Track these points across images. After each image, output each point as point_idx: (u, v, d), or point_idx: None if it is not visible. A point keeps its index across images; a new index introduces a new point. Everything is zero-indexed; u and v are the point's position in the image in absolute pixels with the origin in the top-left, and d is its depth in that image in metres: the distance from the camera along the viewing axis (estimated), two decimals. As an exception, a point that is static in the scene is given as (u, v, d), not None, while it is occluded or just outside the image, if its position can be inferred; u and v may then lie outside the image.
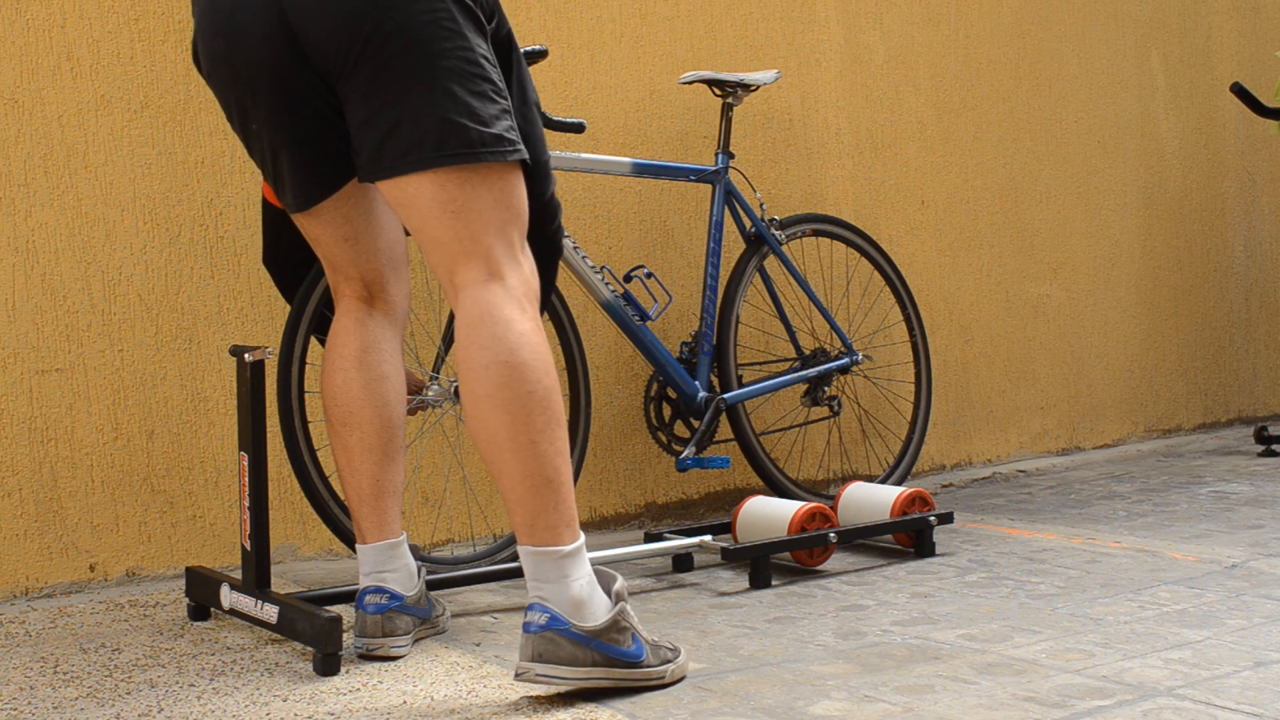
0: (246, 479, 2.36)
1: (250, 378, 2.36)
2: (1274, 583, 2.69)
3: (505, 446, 1.98)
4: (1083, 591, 2.67)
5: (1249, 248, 5.26)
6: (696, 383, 3.25)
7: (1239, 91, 4.43)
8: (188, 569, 2.61)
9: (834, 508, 3.18)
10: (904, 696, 2.01)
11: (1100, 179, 4.74)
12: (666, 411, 3.30)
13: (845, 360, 3.57)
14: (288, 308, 3.03)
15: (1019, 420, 4.45)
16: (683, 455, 3.20)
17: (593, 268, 3.04)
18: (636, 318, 3.14)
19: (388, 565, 2.32)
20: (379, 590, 2.29)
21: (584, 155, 3.08)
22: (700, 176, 3.36)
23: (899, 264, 4.09)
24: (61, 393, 2.78)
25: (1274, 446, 4.51)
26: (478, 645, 2.36)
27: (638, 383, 3.51)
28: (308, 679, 2.16)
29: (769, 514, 2.97)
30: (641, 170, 3.21)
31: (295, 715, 1.98)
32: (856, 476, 3.92)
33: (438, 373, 2.79)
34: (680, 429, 3.32)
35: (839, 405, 3.57)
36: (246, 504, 2.36)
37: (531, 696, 2.04)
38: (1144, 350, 4.87)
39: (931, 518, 3.08)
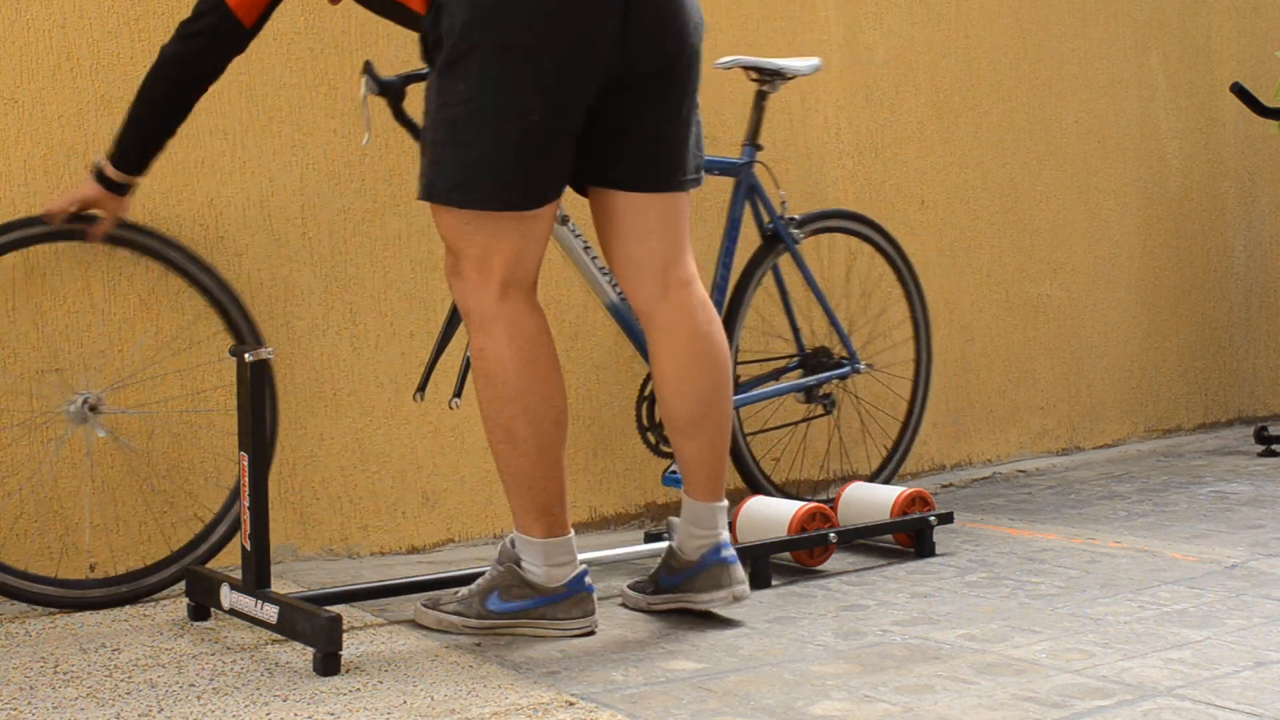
0: (246, 479, 2.36)
1: (250, 378, 2.36)
2: (1274, 583, 2.69)
3: (722, 398, 2.44)
4: (1083, 591, 2.67)
5: (1249, 248, 5.26)
6: None
7: (1239, 91, 4.43)
8: (188, 569, 2.61)
9: (834, 508, 3.18)
10: (904, 696, 2.01)
11: (1100, 179, 4.74)
12: (658, 413, 3.22)
13: (846, 368, 3.50)
14: (288, 308, 3.04)
15: (1019, 420, 4.45)
16: (671, 469, 3.13)
17: (601, 269, 2.96)
18: (638, 319, 3.09)
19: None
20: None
21: None
22: (724, 169, 3.25)
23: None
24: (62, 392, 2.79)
25: (1274, 446, 4.51)
26: (478, 645, 2.36)
27: (638, 383, 3.51)
28: (308, 679, 2.16)
29: (769, 514, 2.97)
30: None
31: (295, 715, 1.98)
32: (856, 476, 3.92)
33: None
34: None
35: (833, 403, 3.53)
36: (246, 504, 2.37)
37: (531, 696, 2.04)
38: (1144, 350, 4.87)
39: (931, 518, 3.08)
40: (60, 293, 2.80)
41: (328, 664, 2.18)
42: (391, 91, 2.73)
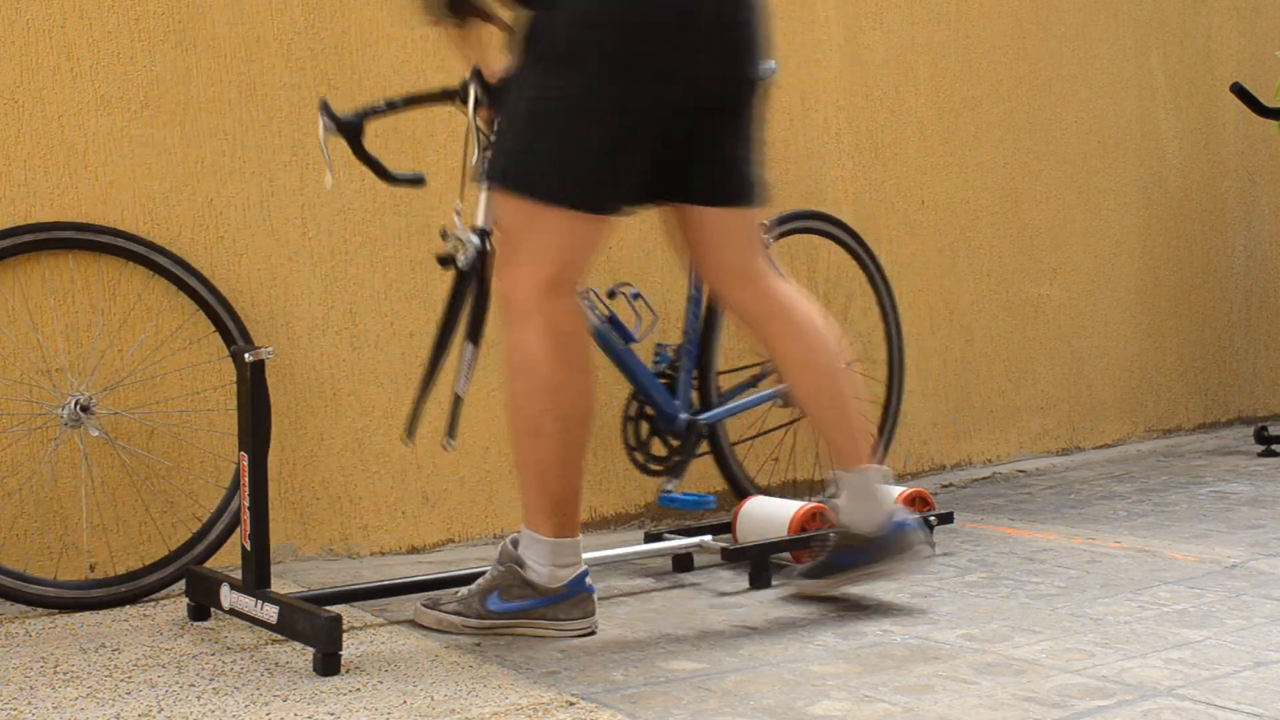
0: (246, 479, 2.36)
1: (250, 378, 2.36)
2: (1274, 583, 2.69)
3: (841, 362, 2.54)
4: (1083, 591, 2.67)
5: (1249, 248, 5.26)
6: (677, 402, 3.13)
7: (1239, 91, 4.43)
8: (188, 569, 2.61)
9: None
10: (904, 696, 2.01)
11: (1100, 179, 4.74)
12: (644, 430, 3.20)
13: None
14: (288, 308, 3.04)
15: (1019, 420, 4.45)
16: (666, 489, 3.12)
17: (583, 294, 2.91)
18: (622, 341, 3.02)
19: None
20: None
21: None
22: None
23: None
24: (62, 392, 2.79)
25: (1274, 446, 4.51)
26: (478, 645, 2.36)
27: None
28: (308, 679, 2.16)
29: (769, 514, 2.97)
30: None
31: (295, 715, 1.98)
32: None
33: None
34: (656, 446, 3.19)
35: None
36: (246, 504, 2.37)
37: (531, 696, 2.04)
38: (1144, 350, 4.87)
39: (931, 518, 3.08)
40: (58, 294, 2.80)
41: (328, 664, 2.18)
42: (349, 130, 2.65)
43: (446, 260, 2.54)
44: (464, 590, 2.47)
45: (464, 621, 2.42)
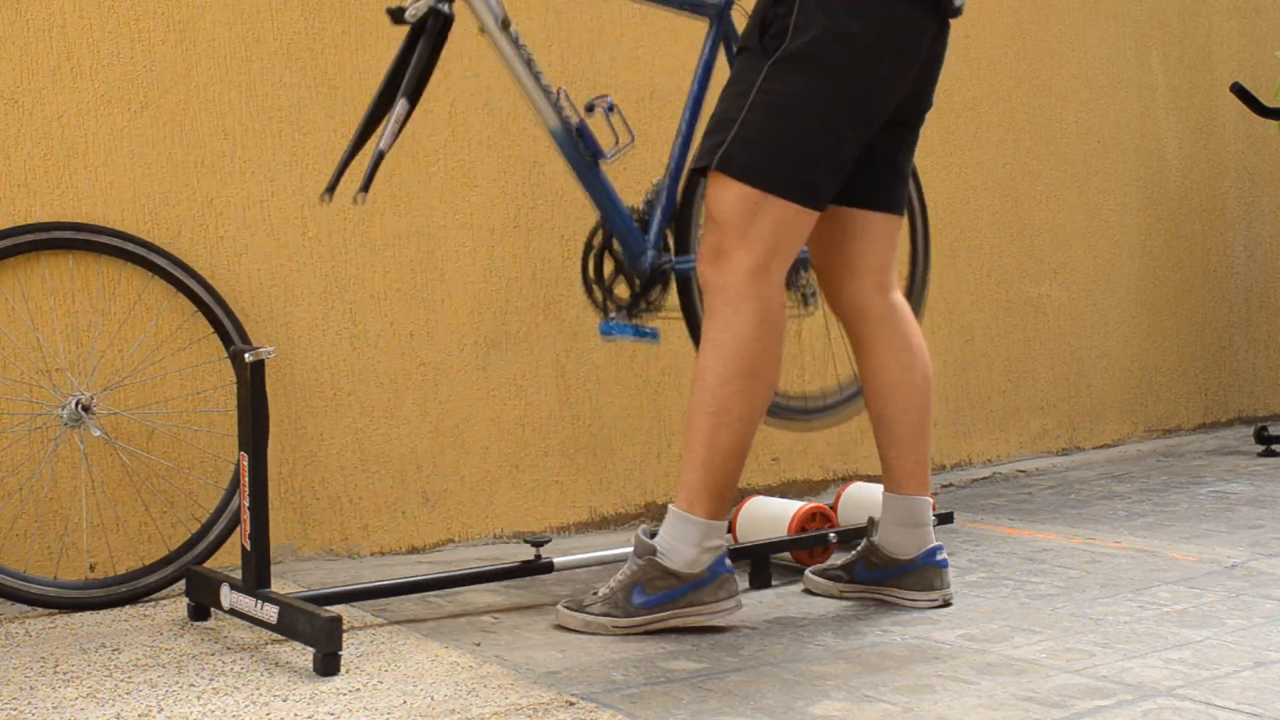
0: (246, 479, 2.36)
1: (250, 378, 2.36)
2: (1274, 583, 2.69)
3: (930, 387, 2.62)
4: (1083, 591, 2.67)
5: (1249, 248, 5.26)
6: (647, 239, 2.81)
7: (1239, 91, 4.43)
8: (188, 569, 2.61)
9: (834, 508, 3.18)
10: (904, 696, 2.01)
11: (1100, 179, 4.74)
12: (607, 266, 2.85)
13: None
14: (288, 308, 3.04)
15: (1019, 420, 4.45)
16: (609, 319, 2.83)
17: (547, 88, 2.66)
18: (589, 155, 2.72)
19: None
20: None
21: None
22: (696, 8, 2.90)
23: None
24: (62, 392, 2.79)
25: (1274, 446, 4.51)
26: (478, 645, 2.36)
27: (638, 382, 3.51)
28: (308, 679, 2.16)
29: (769, 514, 2.97)
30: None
31: (295, 715, 1.98)
32: (857, 476, 3.92)
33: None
34: (621, 290, 2.86)
35: (814, 298, 3.13)
36: (246, 504, 2.37)
37: (531, 696, 2.04)
38: (1144, 350, 4.87)
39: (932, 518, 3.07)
40: (58, 294, 2.80)
41: (328, 664, 2.18)
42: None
43: (398, 13, 2.47)
44: (604, 588, 2.47)
45: (614, 622, 2.42)
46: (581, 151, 2.73)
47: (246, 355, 2.36)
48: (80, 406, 2.73)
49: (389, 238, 3.18)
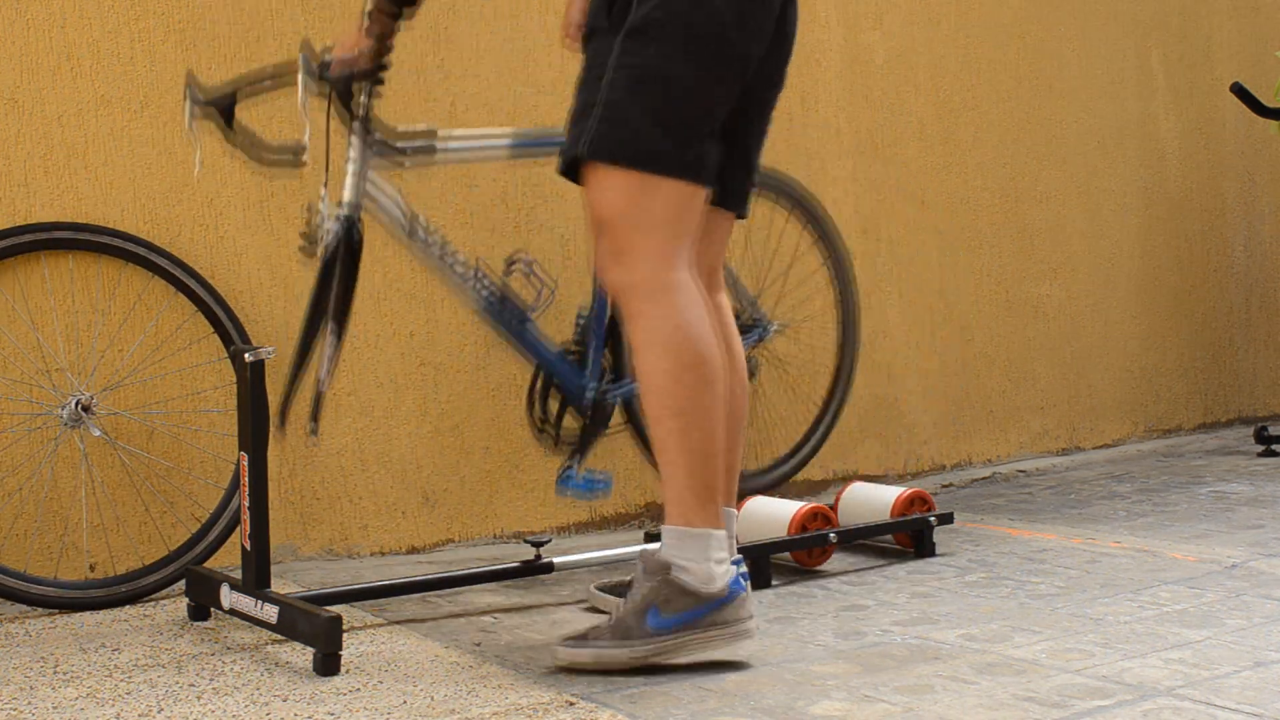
0: (246, 479, 2.36)
1: (250, 378, 2.36)
2: (1274, 583, 2.69)
3: (746, 396, 2.47)
4: (1083, 591, 2.67)
5: (1249, 248, 5.26)
6: (586, 373, 2.83)
7: (1239, 91, 4.43)
8: (188, 569, 2.61)
9: (834, 508, 3.18)
10: (904, 696, 2.01)
11: (1100, 179, 4.74)
12: (553, 406, 2.88)
13: (756, 332, 3.23)
14: (288, 308, 3.04)
15: (1019, 420, 4.45)
16: (564, 470, 2.83)
17: (463, 272, 2.69)
18: (516, 318, 2.76)
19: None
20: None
21: (454, 135, 2.68)
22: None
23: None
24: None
25: (1274, 446, 4.51)
26: (478, 645, 2.36)
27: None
28: (308, 679, 2.16)
29: (769, 514, 2.97)
30: (522, 148, 2.77)
31: (295, 715, 1.98)
32: (857, 476, 3.92)
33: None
34: (570, 422, 2.88)
35: (755, 366, 3.21)
36: (246, 504, 2.37)
37: (531, 696, 2.04)
38: (1144, 350, 4.87)
39: (931, 518, 3.08)
40: (58, 294, 2.80)
41: (328, 664, 2.18)
42: (221, 107, 2.59)
43: (311, 240, 2.49)
44: (609, 619, 2.22)
45: (630, 653, 2.16)
46: (509, 317, 2.74)
47: (246, 355, 2.36)
48: (80, 407, 2.73)
49: (388, 238, 3.17)
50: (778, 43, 2.37)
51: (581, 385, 2.82)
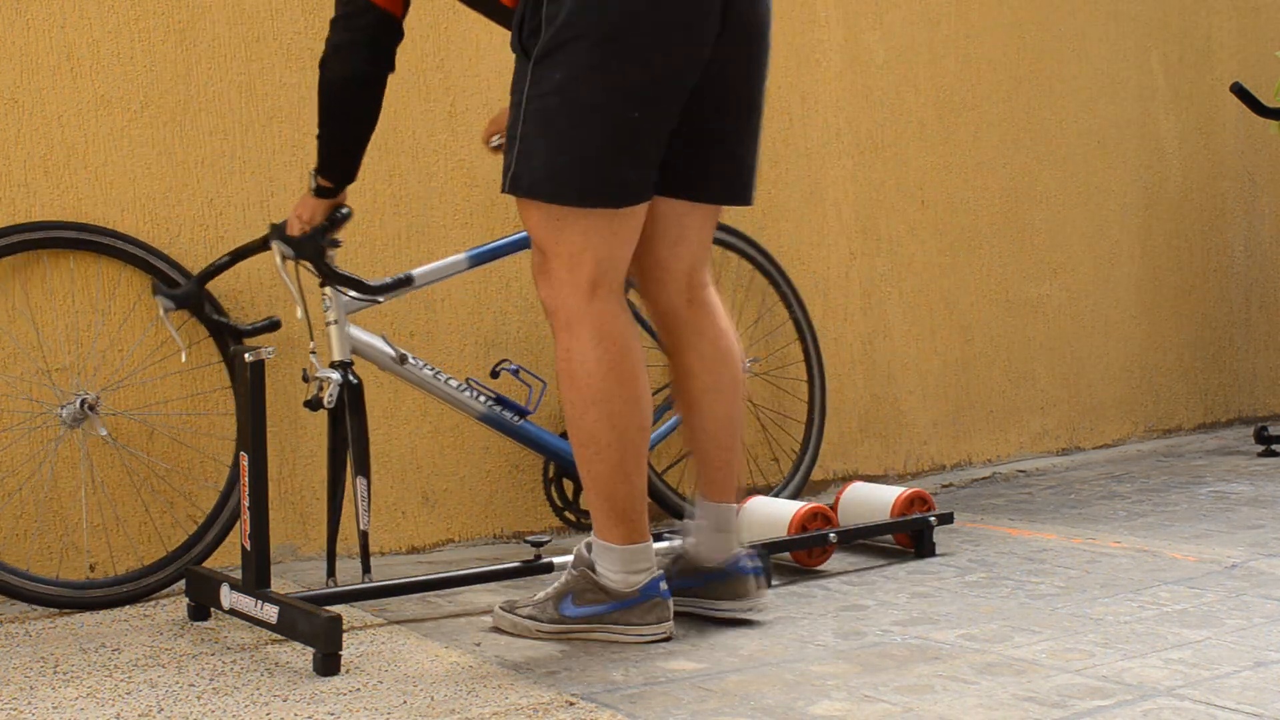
0: (246, 479, 2.36)
1: (250, 378, 2.36)
2: (1274, 583, 2.69)
3: (743, 394, 2.49)
4: (1083, 591, 2.67)
5: (1249, 248, 5.26)
6: None
7: (1239, 91, 4.43)
8: (188, 569, 2.61)
9: (834, 508, 3.18)
10: (904, 696, 2.01)
11: (1100, 179, 4.74)
12: (568, 488, 3.15)
13: None
14: (288, 307, 3.04)
15: (1019, 420, 4.45)
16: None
17: (458, 386, 2.84)
18: (516, 417, 2.91)
19: None
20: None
21: (422, 269, 2.84)
22: None
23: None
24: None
25: (1274, 446, 4.51)
26: (478, 645, 2.36)
27: (638, 383, 3.49)
28: (308, 679, 2.16)
29: (769, 514, 2.97)
30: (480, 258, 2.93)
31: (295, 715, 1.98)
32: (857, 476, 3.92)
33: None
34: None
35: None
36: (246, 504, 2.37)
37: (531, 696, 2.04)
38: (1144, 350, 4.87)
39: (931, 518, 3.08)
40: (58, 294, 2.80)
41: (328, 664, 2.18)
42: (186, 301, 2.76)
43: (314, 404, 2.57)
44: (540, 593, 2.43)
45: (538, 626, 2.39)
46: (509, 419, 2.90)
47: (246, 355, 2.36)
48: (85, 406, 2.73)
49: (389, 237, 3.18)
50: (736, 33, 2.30)
51: None
